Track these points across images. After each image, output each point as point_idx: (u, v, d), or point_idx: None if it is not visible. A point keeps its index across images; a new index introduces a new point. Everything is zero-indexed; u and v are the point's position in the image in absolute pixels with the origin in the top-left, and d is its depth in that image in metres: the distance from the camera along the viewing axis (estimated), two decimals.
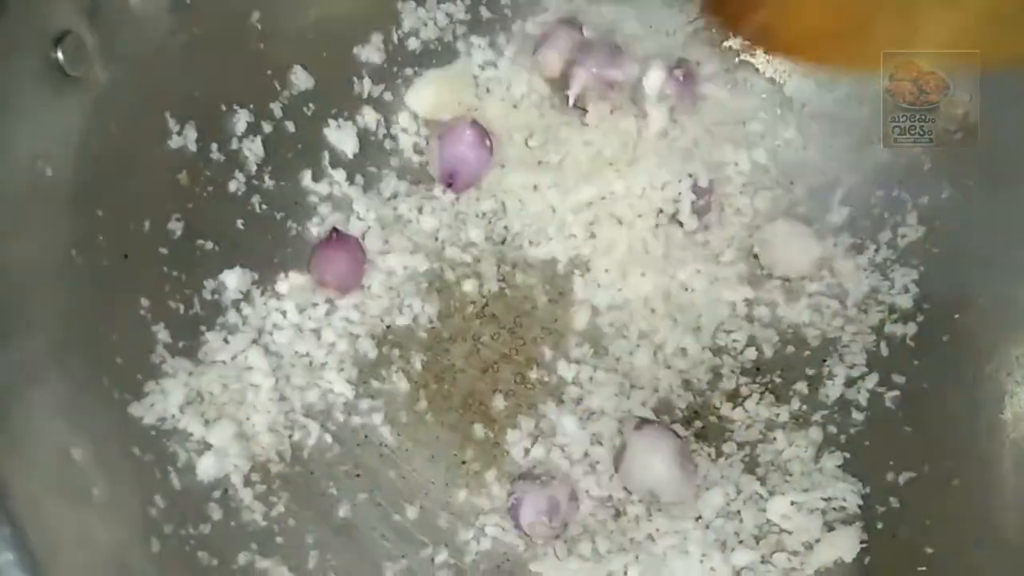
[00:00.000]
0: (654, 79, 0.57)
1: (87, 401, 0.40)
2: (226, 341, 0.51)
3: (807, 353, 0.57)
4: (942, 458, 0.52)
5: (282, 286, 0.54)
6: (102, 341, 0.43)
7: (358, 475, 0.51)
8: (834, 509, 0.52)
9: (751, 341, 0.57)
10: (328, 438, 0.52)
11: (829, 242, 0.59)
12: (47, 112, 0.41)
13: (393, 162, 0.59)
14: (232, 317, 0.52)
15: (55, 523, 0.34)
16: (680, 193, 0.58)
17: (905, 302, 0.57)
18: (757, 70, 0.61)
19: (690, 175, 0.59)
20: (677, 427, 0.54)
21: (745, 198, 0.60)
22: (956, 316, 0.55)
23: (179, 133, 0.50)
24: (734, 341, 0.57)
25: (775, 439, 0.55)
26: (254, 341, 0.51)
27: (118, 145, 0.46)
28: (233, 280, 0.52)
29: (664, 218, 0.58)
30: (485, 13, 0.60)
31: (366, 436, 0.52)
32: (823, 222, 0.60)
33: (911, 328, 0.56)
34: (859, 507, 0.52)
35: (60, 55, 0.41)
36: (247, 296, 0.52)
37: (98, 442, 0.39)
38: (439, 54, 0.60)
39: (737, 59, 0.61)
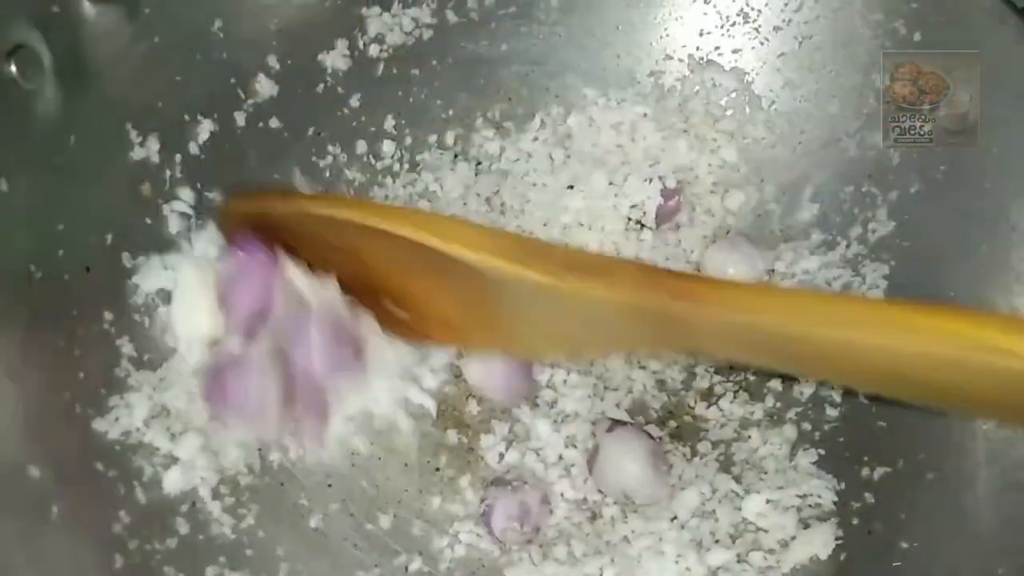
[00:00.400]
0: None
1: (47, 417, 0.40)
2: None
3: None
4: (916, 452, 0.52)
5: None
6: (63, 356, 0.42)
7: (329, 485, 0.51)
8: (809, 506, 0.52)
9: None
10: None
11: (782, 248, 0.59)
12: (2, 126, 0.41)
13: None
14: None
15: (9, 543, 0.34)
16: (648, 196, 0.58)
17: (877, 297, 0.57)
18: (723, 69, 0.61)
19: (659, 177, 0.59)
20: (651, 427, 0.54)
21: (715, 198, 0.60)
22: None
23: (141, 145, 0.49)
24: None
25: (749, 437, 0.55)
26: None
27: (78, 158, 0.45)
28: None
29: (633, 221, 0.58)
30: (452, 17, 0.60)
31: (337, 445, 0.52)
32: (793, 219, 0.60)
33: None
34: (834, 503, 0.52)
35: (13, 69, 0.41)
36: None
37: (58, 459, 0.39)
38: (406, 60, 0.60)
39: (704, 60, 0.61)
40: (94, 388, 0.44)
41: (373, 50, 0.59)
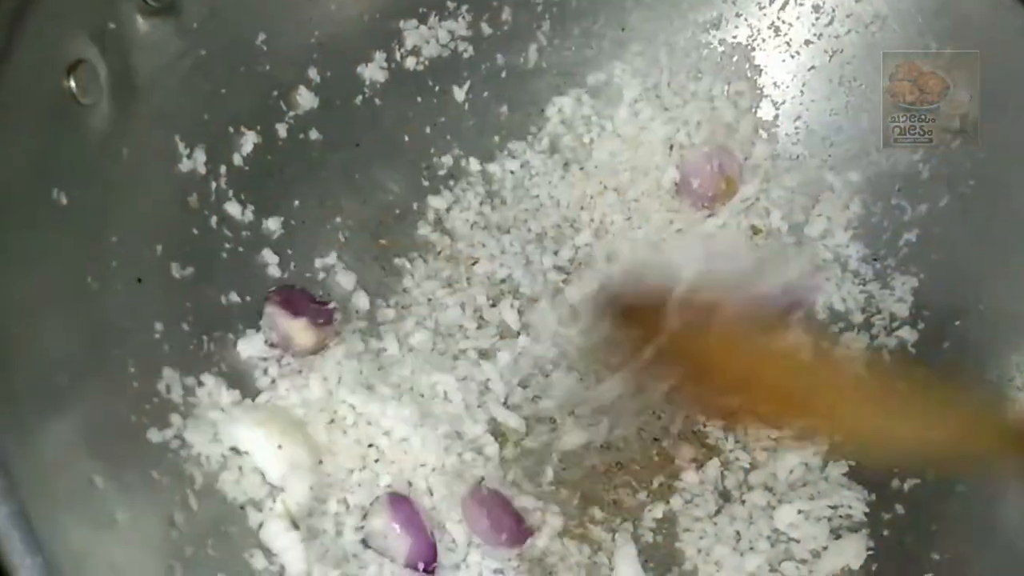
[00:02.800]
0: None
1: (106, 427, 0.41)
2: None
3: None
4: (946, 464, 0.52)
5: None
6: (116, 366, 0.43)
7: None
8: (840, 517, 0.53)
9: None
10: None
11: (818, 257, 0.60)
12: (62, 141, 0.41)
13: None
14: None
15: (83, 551, 0.34)
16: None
17: (905, 310, 0.58)
18: (754, 82, 0.62)
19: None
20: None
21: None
22: (956, 323, 0.55)
23: (188, 156, 0.50)
24: None
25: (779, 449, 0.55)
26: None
27: (130, 170, 0.46)
28: None
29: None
30: (487, 29, 0.61)
31: None
32: (821, 231, 0.61)
33: (912, 335, 0.57)
34: (865, 514, 0.53)
35: (73, 84, 0.41)
36: None
37: (118, 468, 0.39)
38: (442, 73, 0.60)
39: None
40: (147, 398, 0.44)
41: (410, 62, 0.60)
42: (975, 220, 0.56)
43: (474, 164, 0.61)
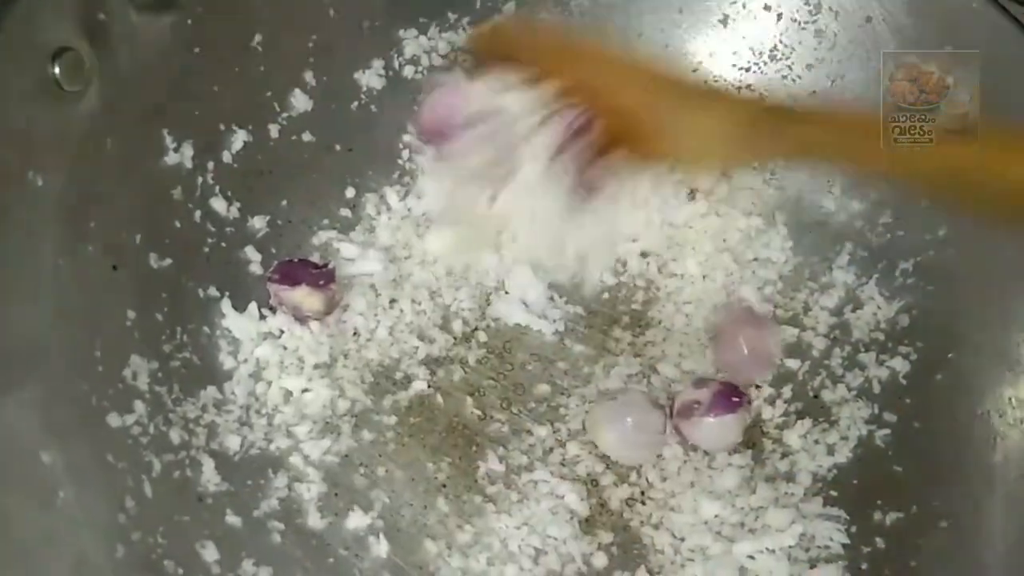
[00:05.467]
0: None
1: (63, 406, 0.41)
2: None
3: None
4: (931, 499, 0.51)
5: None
6: (84, 348, 0.44)
7: (336, 494, 0.52)
8: (818, 547, 0.51)
9: None
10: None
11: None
12: (41, 125, 0.42)
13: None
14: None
15: (15, 521, 0.34)
16: None
17: (899, 340, 0.56)
18: None
19: None
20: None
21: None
22: (950, 355, 0.54)
23: (176, 150, 0.51)
24: None
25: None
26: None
27: (114, 159, 0.47)
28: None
29: None
30: None
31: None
32: (822, 255, 0.60)
33: (904, 366, 0.55)
34: (843, 546, 0.51)
35: (57, 71, 0.42)
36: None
37: (70, 447, 0.40)
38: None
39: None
40: (112, 383, 0.45)
41: (408, 71, 0.60)
42: (973, 251, 0.55)
43: None
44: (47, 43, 0.42)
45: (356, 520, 0.50)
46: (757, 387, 0.56)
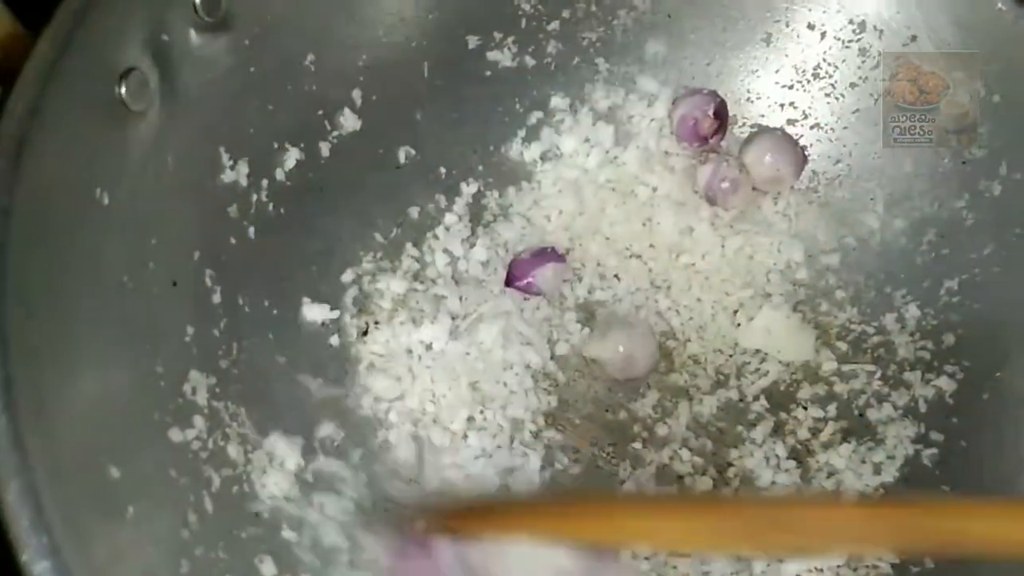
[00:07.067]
0: None
1: (127, 421, 0.41)
2: None
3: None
4: None
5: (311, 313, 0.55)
6: (145, 363, 0.44)
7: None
8: (867, 566, 0.51)
9: None
10: None
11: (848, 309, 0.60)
12: (108, 143, 0.43)
13: None
14: None
15: (90, 537, 0.35)
16: None
17: (945, 359, 0.56)
18: (798, 124, 0.62)
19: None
20: (705, 479, 0.54)
21: None
22: (997, 374, 0.54)
23: (232, 168, 0.52)
24: None
25: None
26: None
27: (173, 177, 0.47)
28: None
29: None
30: (529, 61, 0.62)
31: None
32: (861, 276, 0.60)
33: (951, 385, 0.55)
34: (892, 566, 0.51)
35: (123, 90, 0.43)
36: None
37: (136, 462, 0.40)
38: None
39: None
40: (172, 398, 0.45)
41: None
42: (1018, 268, 0.55)
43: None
44: (115, 64, 0.43)
45: None
46: (804, 408, 0.57)
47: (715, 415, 0.57)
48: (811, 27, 0.61)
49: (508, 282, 0.58)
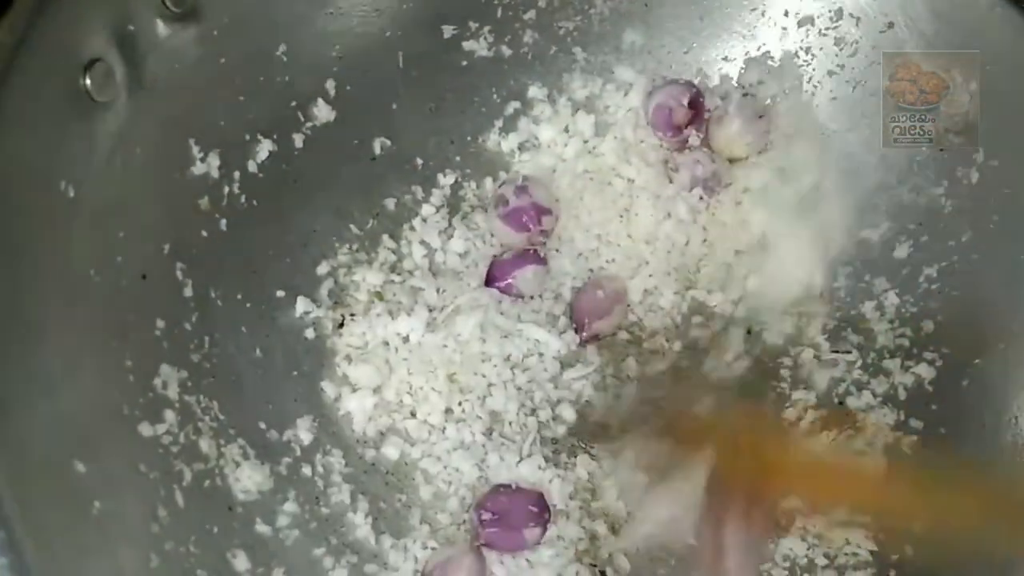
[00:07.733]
0: None
1: (96, 415, 0.41)
2: None
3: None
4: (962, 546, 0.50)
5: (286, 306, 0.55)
6: (115, 357, 0.44)
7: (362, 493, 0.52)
8: (846, 554, 0.51)
9: None
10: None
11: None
12: (73, 135, 0.43)
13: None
14: None
15: (51, 532, 0.35)
16: None
17: (924, 346, 0.56)
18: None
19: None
20: None
21: None
22: (976, 361, 0.54)
23: (202, 160, 0.51)
24: None
25: None
26: None
27: (142, 169, 0.47)
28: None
29: None
30: (506, 51, 0.61)
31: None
32: (842, 264, 0.60)
33: (930, 372, 0.55)
34: (872, 553, 0.51)
35: (88, 82, 0.43)
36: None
37: (103, 457, 0.40)
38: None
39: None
40: (143, 392, 0.45)
41: None
42: (998, 257, 0.55)
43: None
44: (79, 54, 0.42)
45: None
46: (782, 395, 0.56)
47: None
48: (787, 14, 0.60)
49: (488, 282, 0.57)
